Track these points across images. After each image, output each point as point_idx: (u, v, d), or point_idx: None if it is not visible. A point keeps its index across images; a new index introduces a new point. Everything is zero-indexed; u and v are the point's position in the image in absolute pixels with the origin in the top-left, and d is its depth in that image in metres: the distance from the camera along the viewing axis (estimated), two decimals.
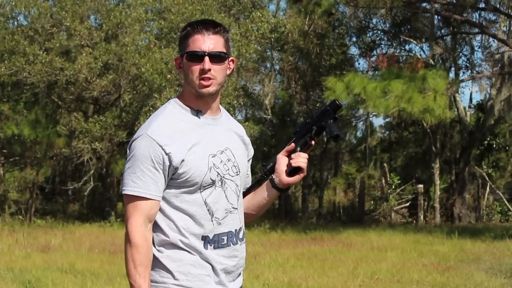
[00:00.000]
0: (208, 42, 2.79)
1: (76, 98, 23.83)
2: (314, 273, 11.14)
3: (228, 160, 2.86)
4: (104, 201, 24.94)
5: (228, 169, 2.85)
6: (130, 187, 2.73)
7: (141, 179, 2.72)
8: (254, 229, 19.77)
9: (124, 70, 21.24)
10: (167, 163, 2.72)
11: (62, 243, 15.62)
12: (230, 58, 2.88)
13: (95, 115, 22.63)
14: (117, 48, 20.95)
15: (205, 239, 2.79)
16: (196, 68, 2.79)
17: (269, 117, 27.65)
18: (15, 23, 22.78)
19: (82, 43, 21.46)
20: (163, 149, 2.72)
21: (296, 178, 3.01)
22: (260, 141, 25.91)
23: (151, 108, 20.56)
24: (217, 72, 2.81)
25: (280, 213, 27.42)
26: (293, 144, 3.01)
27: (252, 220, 3.11)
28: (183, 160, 2.73)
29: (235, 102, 22.06)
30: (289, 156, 3.02)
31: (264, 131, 25.95)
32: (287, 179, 3.00)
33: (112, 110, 22.52)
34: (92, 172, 23.78)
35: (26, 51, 20.57)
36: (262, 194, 3.05)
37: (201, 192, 2.79)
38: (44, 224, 21.68)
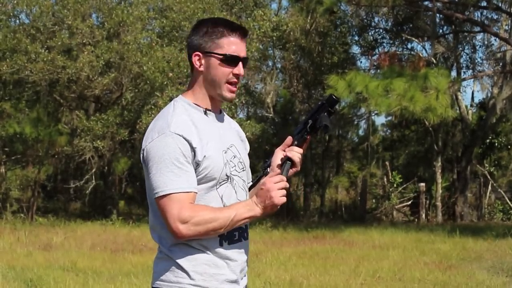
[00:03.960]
0: (242, 47, 2.83)
1: (78, 96, 23.84)
2: (316, 272, 11.14)
3: (234, 157, 2.87)
4: (106, 200, 24.95)
5: (235, 166, 2.86)
6: (171, 186, 2.66)
7: (180, 176, 2.67)
8: (256, 227, 19.78)
9: (126, 68, 21.25)
10: (193, 158, 2.71)
11: (64, 242, 15.63)
12: None
13: (96, 114, 22.63)
14: (119, 46, 20.97)
15: (221, 235, 2.78)
16: (228, 71, 2.81)
17: (270, 115, 27.66)
18: (17, 21, 22.80)
19: (84, 41, 21.47)
20: (189, 144, 2.70)
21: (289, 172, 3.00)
22: (262, 139, 25.93)
23: (153, 107, 20.57)
24: (241, 78, 2.88)
25: (282, 212, 27.41)
26: (290, 138, 2.98)
27: None
28: (204, 156, 2.73)
29: (237, 100, 22.05)
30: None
31: (265, 130, 25.95)
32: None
33: (114, 108, 22.52)
34: (94, 170, 23.78)
35: (28, 50, 20.58)
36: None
37: (217, 188, 2.79)
38: (46, 222, 21.68)
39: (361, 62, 53.29)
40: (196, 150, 2.71)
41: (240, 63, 2.81)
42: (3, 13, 21.79)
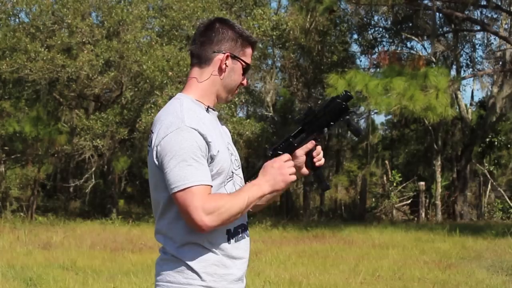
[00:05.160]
0: None
1: (78, 95, 23.83)
2: (315, 271, 11.14)
3: (231, 154, 2.88)
4: (106, 198, 24.96)
5: (232, 163, 2.86)
6: (192, 179, 2.65)
7: (199, 169, 2.66)
8: (256, 226, 19.79)
9: (125, 67, 21.23)
10: (207, 152, 2.71)
11: (64, 240, 15.62)
12: None
13: (96, 112, 22.62)
14: (118, 45, 20.95)
15: (228, 232, 2.78)
16: (241, 79, 2.90)
17: (270, 114, 27.66)
18: (17, 20, 22.78)
19: (83, 40, 21.46)
20: (204, 139, 2.70)
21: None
22: (261, 138, 25.93)
23: (152, 106, 20.57)
24: None
25: (281, 211, 27.44)
26: (313, 142, 2.95)
27: (259, 210, 3.10)
28: (218, 151, 2.74)
29: (236, 99, 22.05)
30: (307, 153, 2.97)
31: (265, 129, 25.95)
32: (306, 171, 2.98)
33: (113, 107, 22.51)
34: (93, 169, 23.79)
35: (27, 48, 20.56)
36: None
37: (225, 186, 2.80)
38: (46, 221, 21.68)
39: (360, 61, 53.56)
40: (211, 145, 2.71)
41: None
42: (2, 12, 21.78)
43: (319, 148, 2.97)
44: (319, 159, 2.97)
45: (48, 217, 22.65)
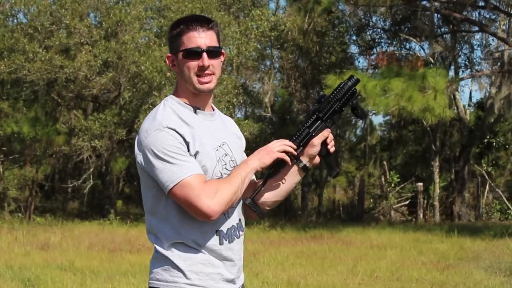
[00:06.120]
0: (204, 38, 2.82)
1: (76, 96, 23.83)
2: (313, 271, 11.14)
3: (226, 155, 2.87)
4: (104, 199, 24.94)
5: (225, 164, 2.86)
6: (184, 171, 2.68)
7: (187, 161, 2.70)
8: (254, 227, 19.78)
9: (123, 68, 21.24)
10: (187, 151, 2.74)
11: (62, 241, 15.61)
12: (222, 51, 2.92)
13: (94, 113, 22.63)
14: (116, 46, 20.95)
15: (219, 233, 2.79)
16: (194, 65, 2.81)
17: (268, 115, 27.65)
18: (15, 21, 22.80)
19: (81, 41, 21.46)
20: (183, 138, 2.73)
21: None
22: (259, 139, 25.90)
23: (150, 106, 20.57)
24: (216, 67, 2.85)
25: (279, 211, 27.42)
26: (328, 130, 2.97)
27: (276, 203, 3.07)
28: (197, 151, 2.76)
29: (234, 100, 22.06)
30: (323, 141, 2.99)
31: (263, 129, 25.94)
32: (318, 160, 3.00)
33: (111, 108, 22.52)
34: (91, 170, 23.78)
35: (25, 49, 20.56)
36: (292, 179, 3.02)
37: None
38: (44, 222, 21.68)
39: (359, 61, 53.50)
40: (189, 145, 2.74)
41: (204, 54, 2.81)
42: (0, 13, 21.78)
43: (331, 134, 3.00)
44: (332, 145, 3.01)
45: (46, 218, 22.64)
